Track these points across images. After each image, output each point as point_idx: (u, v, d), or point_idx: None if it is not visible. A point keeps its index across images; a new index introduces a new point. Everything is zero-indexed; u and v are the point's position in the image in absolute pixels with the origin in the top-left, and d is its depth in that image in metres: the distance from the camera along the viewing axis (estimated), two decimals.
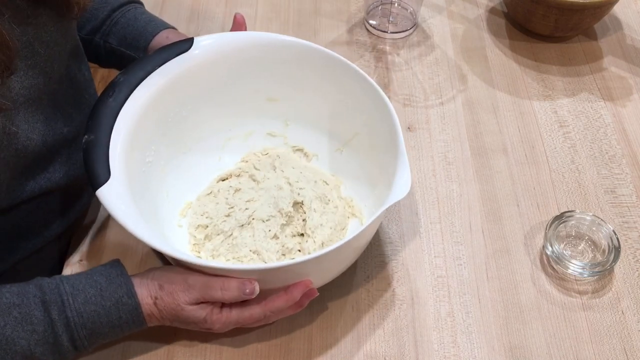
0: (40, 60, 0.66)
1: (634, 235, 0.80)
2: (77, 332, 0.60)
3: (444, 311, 0.73)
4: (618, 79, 0.98)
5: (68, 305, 0.60)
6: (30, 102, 0.65)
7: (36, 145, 0.67)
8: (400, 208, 0.82)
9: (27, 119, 0.65)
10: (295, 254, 0.75)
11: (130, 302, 0.62)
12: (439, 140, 0.90)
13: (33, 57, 0.65)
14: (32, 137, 0.66)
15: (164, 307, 0.63)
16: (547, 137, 0.90)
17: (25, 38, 0.63)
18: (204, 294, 0.62)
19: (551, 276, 0.76)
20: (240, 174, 0.83)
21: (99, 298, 0.61)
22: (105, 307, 0.61)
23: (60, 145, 0.72)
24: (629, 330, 0.72)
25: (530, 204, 0.83)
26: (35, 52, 0.65)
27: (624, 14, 1.08)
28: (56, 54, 0.68)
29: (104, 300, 0.61)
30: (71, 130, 0.73)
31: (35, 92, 0.66)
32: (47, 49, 0.67)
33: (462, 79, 0.97)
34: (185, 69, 0.75)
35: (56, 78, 0.70)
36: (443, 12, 1.08)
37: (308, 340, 0.71)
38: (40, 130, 0.67)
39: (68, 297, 0.60)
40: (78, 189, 0.77)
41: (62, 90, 0.72)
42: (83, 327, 0.60)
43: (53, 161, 0.71)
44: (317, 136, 0.85)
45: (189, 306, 0.63)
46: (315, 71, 0.79)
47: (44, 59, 0.66)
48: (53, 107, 0.70)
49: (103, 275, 0.63)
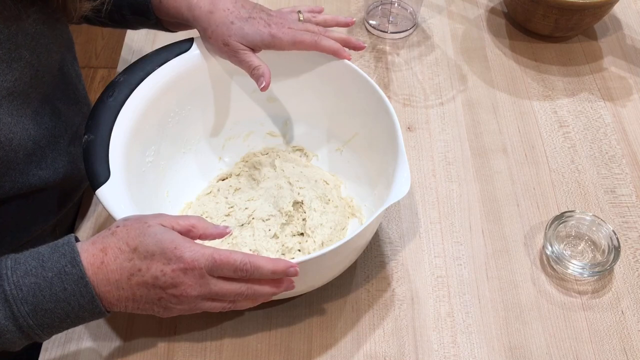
0: (25, 53, 0.64)
1: (633, 235, 0.80)
2: (17, 308, 0.54)
3: (443, 311, 0.73)
4: (618, 79, 0.98)
5: (6, 278, 0.54)
6: (14, 95, 0.64)
7: (21, 139, 0.66)
8: (400, 208, 0.82)
9: (12, 112, 0.64)
10: (295, 254, 0.75)
11: (75, 272, 0.55)
12: (439, 140, 0.90)
13: (17, 50, 0.63)
14: (15, 131, 0.65)
15: (123, 239, 0.56)
16: (547, 137, 0.90)
17: (6, 31, 0.62)
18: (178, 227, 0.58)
19: (551, 276, 0.76)
20: (240, 173, 0.83)
21: (39, 269, 0.55)
22: (46, 278, 0.55)
23: (48, 141, 0.71)
24: (629, 330, 0.72)
25: (530, 204, 0.83)
26: (18, 45, 0.63)
27: (624, 14, 1.08)
28: (43, 47, 0.67)
29: (45, 271, 0.55)
30: (59, 125, 0.72)
31: (20, 86, 0.64)
32: (32, 41, 0.65)
33: (462, 79, 0.97)
34: (185, 69, 0.75)
35: (46, 72, 0.69)
36: (443, 12, 1.08)
37: (308, 340, 0.71)
38: (25, 125, 0.66)
39: (7, 270, 0.55)
40: (70, 188, 0.77)
41: (53, 84, 0.71)
42: (24, 301, 0.54)
43: (44, 157, 0.71)
44: (317, 136, 0.85)
45: (157, 226, 0.57)
46: (315, 71, 0.79)
47: (30, 52, 0.65)
48: (42, 102, 0.69)
49: (49, 246, 0.57)
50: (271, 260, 0.58)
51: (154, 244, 0.56)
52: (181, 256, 0.56)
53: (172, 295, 0.57)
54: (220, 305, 0.59)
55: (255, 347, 0.70)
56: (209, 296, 0.58)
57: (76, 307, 0.56)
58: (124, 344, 0.70)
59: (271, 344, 0.70)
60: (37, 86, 0.67)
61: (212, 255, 0.56)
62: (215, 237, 0.61)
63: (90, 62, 2.11)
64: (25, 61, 0.65)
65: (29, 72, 0.65)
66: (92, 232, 0.79)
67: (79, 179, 0.78)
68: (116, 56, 0.96)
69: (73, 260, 0.55)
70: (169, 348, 0.70)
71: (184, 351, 0.70)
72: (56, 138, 0.72)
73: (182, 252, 0.56)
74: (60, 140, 0.73)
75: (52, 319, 0.55)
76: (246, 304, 0.61)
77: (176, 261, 0.56)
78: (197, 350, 0.70)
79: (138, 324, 0.71)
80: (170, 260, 0.56)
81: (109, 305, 0.57)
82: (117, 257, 0.56)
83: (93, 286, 0.56)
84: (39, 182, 0.70)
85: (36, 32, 0.66)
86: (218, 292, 0.58)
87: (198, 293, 0.57)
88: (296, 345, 0.70)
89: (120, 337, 0.70)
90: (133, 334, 0.70)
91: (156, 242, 0.56)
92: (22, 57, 0.64)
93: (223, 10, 0.73)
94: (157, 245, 0.56)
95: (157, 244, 0.56)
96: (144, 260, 0.56)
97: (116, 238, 0.57)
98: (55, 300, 0.55)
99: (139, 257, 0.56)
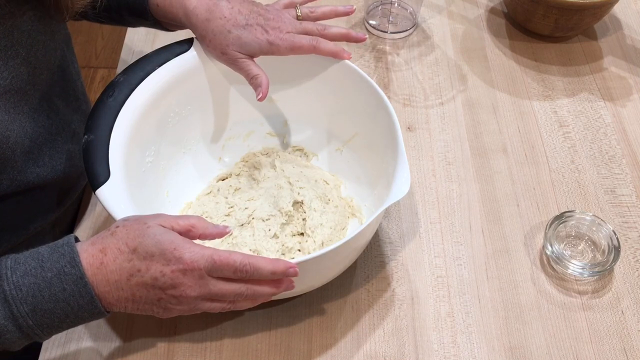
0: (22, 50, 0.64)
1: (633, 235, 0.80)
2: (16, 308, 0.54)
3: (443, 311, 0.73)
4: (618, 79, 0.98)
5: (6, 279, 0.54)
6: (11, 92, 0.64)
7: (18, 136, 0.66)
8: (400, 208, 0.82)
9: (8, 109, 0.64)
10: (295, 254, 0.75)
11: (74, 272, 0.55)
12: (439, 140, 0.90)
13: (12, 47, 0.63)
14: (12, 129, 0.65)
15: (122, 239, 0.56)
16: (547, 137, 0.90)
17: (1, 28, 0.62)
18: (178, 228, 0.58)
19: (551, 276, 0.76)
20: (240, 173, 0.83)
21: (39, 269, 0.55)
22: (46, 278, 0.55)
23: (46, 139, 0.71)
24: (629, 330, 0.72)
25: (530, 204, 0.83)
26: (14, 42, 0.63)
27: (624, 14, 1.08)
28: (40, 44, 0.67)
29: (45, 272, 0.55)
30: (57, 123, 0.72)
31: (17, 83, 0.64)
32: (28, 38, 0.65)
33: (462, 79, 0.97)
34: (185, 69, 0.75)
35: (44, 69, 0.68)
36: (443, 12, 1.08)
37: (308, 340, 0.71)
38: (22, 122, 0.66)
39: (7, 270, 0.55)
40: (68, 186, 0.77)
41: (51, 81, 0.71)
42: (23, 302, 0.54)
43: (41, 155, 0.71)
44: (317, 136, 0.85)
45: (157, 226, 0.57)
46: (316, 71, 0.79)
47: (26, 50, 0.65)
48: (40, 100, 0.69)
49: (48, 247, 0.57)
50: (271, 260, 0.58)
51: (154, 245, 0.56)
52: (180, 257, 0.56)
53: (171, 296, 0.57)
54: (219, 306, 0.60)
55: (255, 347, 0.70)
56: (209, 297, 0.58)
57: (75, 307, 0.56)
58: (124, 344, 0.70)
59: (271, 344, 0.70)
60: (34, 83, 0.67)
61: (212, 256, 0.56)
62: (215, 236, 0.61)
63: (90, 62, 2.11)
64: (21, 58, 0.64)
65: (25, 69, 0.65)
66: (92, 232, 0.79)
67: (77, 176, 0.78)
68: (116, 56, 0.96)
69: (72, 260, 0.55)
70: (169, 348, 0.70)
71: (184, 351, 0.70)
72: (54, 136, 0.72)
73: (182, 253, 0.56)
74: (58, 138, 0.73)
75: (51, 319, 0.56)
76: (246, 304, 0.61)
77: (175, 262, 0.56)
78: (197, 350, 0.70)
79: (138, 324, 0.71)
80: (169, 261, 0.56)
81: (109, 306, 0.57)
82: (116, 257, 0.56)
83: (92, 287, 0.56)
84: (37, 180, 0.70)
85: (32, 30, 0.65)
86: (217, 293, 0.58)
87: (197, 294, 0.57)
88: (296, 345, 0.70)
89: (120, 337, 0.70)
90: (133, 334, 0.70)
91: (155, 243, 0.56)
92: (18, 54, 0.64)
93: (220, 19, 0.73)
94: (157, 246, 0.56)
95: (157, 245, 0.56)
96: (144, 261, 0.56)
97: (115, 239, 0.57)
98: (54, 301, 0.55)
99: (139, 258, 0.56)
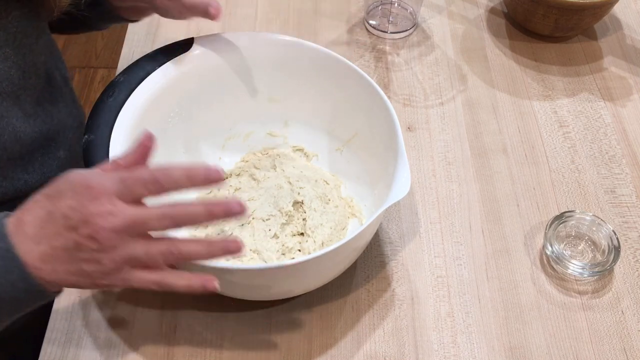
0: (10, 52, 0.64)
1: (634, 235, 0.80)
2: None
3: (443, 311, 0.73)
4: (618, 79, 0.98)
5: None
6: (3, 96, 0.64)
7: (7, 141, 0.65)
8: (400, 208, 0.82)
9: (1, 113, 0.64)
10: (295, 254, 0.75)
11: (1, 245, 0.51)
12: (439, 140, 0.90)
13: (1, 49, 0.63)
14: (2, 134, 0.64)
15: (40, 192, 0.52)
16: (547, 137, 0.90)
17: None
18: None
19: (551, 276, 0.76)
20: (240, 173, 0.83)
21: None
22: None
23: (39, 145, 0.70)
24: (629, 330, 0.72)
25: (530, 204, 0.83)
26: (2, 44, 0.63)
27: (624, 14, 1.08)
28: (27, 47, 0.66)
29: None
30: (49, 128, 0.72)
31: (8, 87, 0.64)
32: (15, 40, 0.64)
33: (462, 79, 0.97)
34: (185, 69, 0.75)
35: (32, 73, 0.68)
36: (443, 12, 1.08)
37: (308, 340, 0.71)
38: (14, 127, 0.66)
39: None
40: None
41: (41, 86, 0.70)
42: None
43: (32, 161, 0.70)
44: (317, 136, 0.85)
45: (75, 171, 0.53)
46: (316, 71, 0.79)
47: (14, 51, 0.64)
48: (33, 105, 0.68)
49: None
50: (185, 167, 0.52)
51: (64, 183, 0.52)
52: (88, 185, 0.51)
53: (87, 237, 0.50)
54: (148, 277, 0.53)
55: (255, 347, 0.70)
56: (130, 259, 0.52)
57: (6, 284, 0.51)
58: (124, 344, 0.70)
59: (271, 344, 0.70)
60: (25, 88, 0.67)
61: (120, 175, 0.52)
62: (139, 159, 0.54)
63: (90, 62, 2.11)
64: (11, 61, 0.64)
65: (16, 72, 0.65)
66: None
67: None
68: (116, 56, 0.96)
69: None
70: (169, 348, 0.70)
71: (184, 351, 0.69)
72: (47, 142, 0.72)
73: (89, 181, 0.51)
74: (50, 144, 0.72)
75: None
76: (179, 279, 0.54)
77: (82, 191, 0.51)
78: (197, 350, 0.70)
79: (138, 324, 0.71)
80: (76, 192, 0.51)
81: (36, 271, 0.52)
82: (31, 209, 0.52)
83: (15, 248, 0.51)
84: (25, 187, 0.69)
85: (18, 31, 0.65)
86: (140, 253, 0.52)
87: (112, 225, 0.50)
88: (296, 345, 0.70)
89: (120, 337, 0.70)
90: (133, 334, 0.70)
91: (67, 181, 0.52)
92: (7, 56, 0.64)
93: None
94: (67, 182, 0.52)
95: (67, 182, 0.52)
96: (53, 200, 0.52)
97: (36, 194, 0.53)
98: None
99: (49, 199, 0.52)
